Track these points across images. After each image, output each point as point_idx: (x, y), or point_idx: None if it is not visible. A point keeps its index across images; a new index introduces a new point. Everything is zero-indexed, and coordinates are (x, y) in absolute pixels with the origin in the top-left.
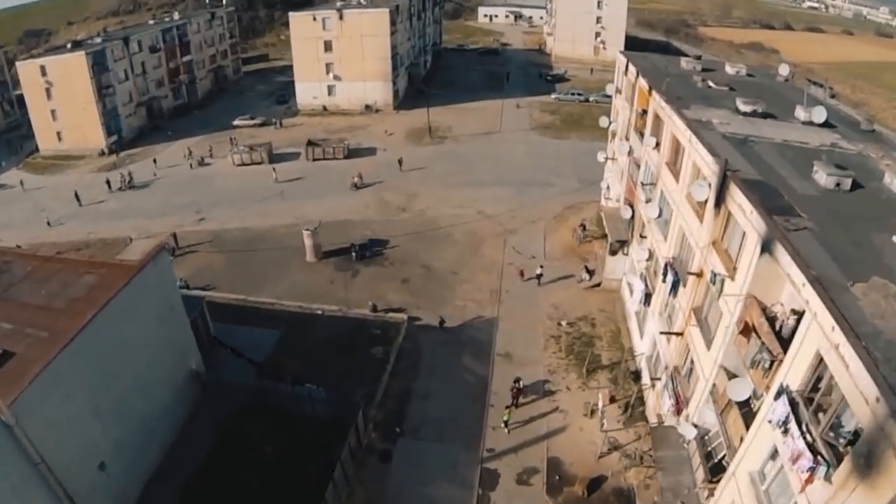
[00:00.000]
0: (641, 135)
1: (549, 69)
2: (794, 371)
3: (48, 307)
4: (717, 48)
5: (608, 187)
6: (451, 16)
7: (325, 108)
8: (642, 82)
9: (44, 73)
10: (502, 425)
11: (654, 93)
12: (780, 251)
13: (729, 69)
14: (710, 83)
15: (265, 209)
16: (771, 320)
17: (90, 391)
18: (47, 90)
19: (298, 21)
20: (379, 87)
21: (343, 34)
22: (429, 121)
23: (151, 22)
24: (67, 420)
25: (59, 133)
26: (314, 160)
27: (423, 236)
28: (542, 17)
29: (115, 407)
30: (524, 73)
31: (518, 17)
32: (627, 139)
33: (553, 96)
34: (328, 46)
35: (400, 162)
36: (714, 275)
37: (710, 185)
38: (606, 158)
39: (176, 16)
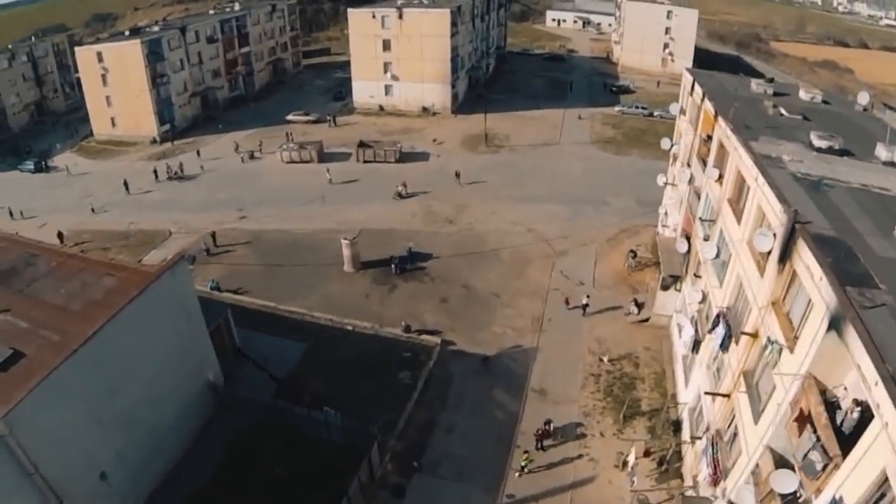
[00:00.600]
0: (704, 163)
1: (614, 79)
2: (851, 482)
3: (64, 308)
4: (790, 65)
5: (666, 213)
6: (518, 18)
7: (381, 108)
8: (708, 105)
9: (100, 60)
10: (520, 470)
11: (720, 118)
12: (851, 334)
13: (803, 94)
14: (783, 110)
15: (309, 212)
16: (831, 406)
17: (93, 401)
18: (103, 76)
19: (357, 18)
20: (437, 90)
21: (402, 33)
22: (485, 128)
23: (212, 12)
24: (67, 430)
25: (113, 119)
26: (365, 162)
27: (468, 252)
28: (610, 25)
29: (120, 417)
30: (588, 82)
31: (586, 23)
32: (689, 165)
33: (616, 109)
34: (387, 45)
35: (457, 175)
36: (771, 341)
37: (775, 235)
38: (666, 183)
39: (237, 6)
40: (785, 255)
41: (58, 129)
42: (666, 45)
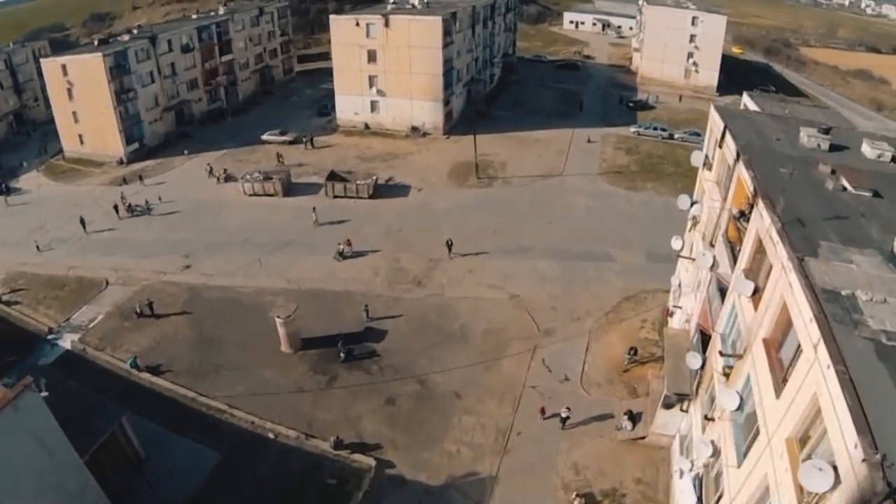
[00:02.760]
0: (733, 250)
1: (632, 92)
2: None
3: None
4: (822, 74)
5: (679, 286)
6: (534, 19)
7: (366, 127)
8: (744, 173)
9: (65, 73)
10: None
11: (760, 204)
12: None
13: (867, 149)
14: (845, 182)
15: (260, 261)
16: None
17: None
18: (69, 90)
19: (340, 25)
20: (428, 108)
21: (389, 43)
22: (476, 156)
23: (194, 16)
24: None
25: (80, 136)
26: (335, 197)
27: (432, 328)
28: (631, 28)
29: None
30: (603, 95)
31: (606, 25)
32: (712, 245)
33: (632, 129)
34: (372, 56)
35: (449, 246)
36: None
37: (838, 479)
38: (680, 254)
39: (221, 10)
40: None
41: (34, 140)
42: (690, 55)
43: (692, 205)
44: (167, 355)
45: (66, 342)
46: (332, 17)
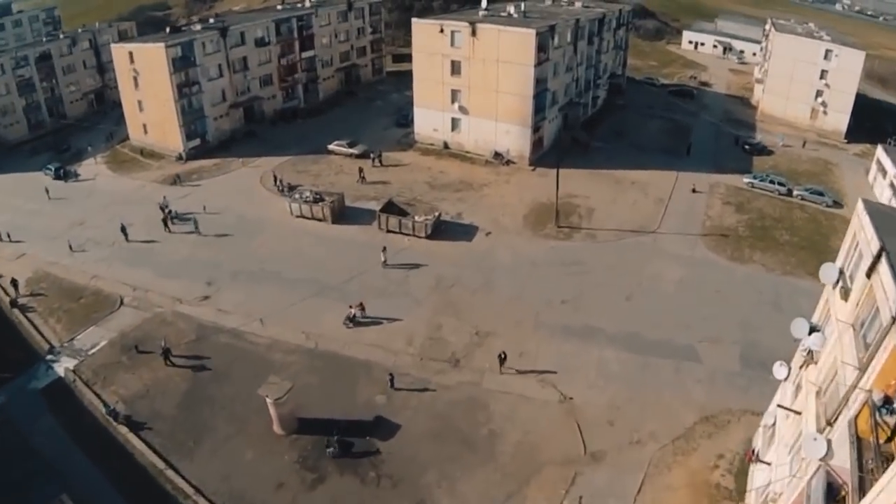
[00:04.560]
0: (860, 451)
1: (749, 132)
2: None
3: None
4: None
5: (773, 426)
6: (651, 35)
7: (445, 146)
8: None
9: (131, 60)
10: None
11: None
12: None
13: None
14: None
15: (285, 305)
16: None
17: None
18: (135, 79)
19: (422, 30)
20: (514, 132)
21: (475, 55)
22: (558, 198)
23: (280, 7)
24: None
25: (144, 126)
26: (388, 231)
27: (454, 431)
28: (755, 54)
29: None
30: (716, 132)
31: (727, 49)
32: (830, 426)
33: (745, 180)
34: (456, 68)
35: (501, 359)
36: None
37: None
38: (780, 406)
39: (307, 2)
40: None
41: (109, 120)
42: (819, 93)
43: (811, 332)
44: (151, 408)
45: (61, 368)
46: (414, 20)
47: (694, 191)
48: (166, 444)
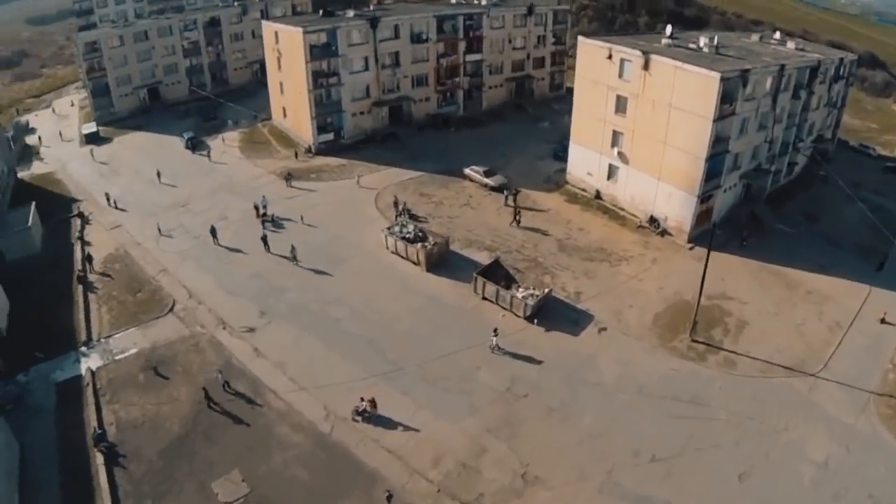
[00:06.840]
0: None
1: None
2: None
3: None
4: None
5: None
6: (878, 91)
7: (598, 196)
8: None
9: (276, 40)
10: None
11: None
12: None
13: None
14: None
15: (324, 367)
16: None
17: None
18: (278, 60)
19: (587, 52)
20: (676, 198)
21: (645, 93)
22: (699, 303)
23: (454, 1)
24: None
25: (284, 109)
26: (483, 298)
27: None
28: None
29: None
30: None
31: None
32: None
33: None
34: (621, 105)
35: None
36: None
37: None
38: None
39: (483, 0)
40: None
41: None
42: None
43: None
44: (137, 445)
45: (85, 365)
46: (580, 38)
47: (884, 321)
48: (130, 490)
